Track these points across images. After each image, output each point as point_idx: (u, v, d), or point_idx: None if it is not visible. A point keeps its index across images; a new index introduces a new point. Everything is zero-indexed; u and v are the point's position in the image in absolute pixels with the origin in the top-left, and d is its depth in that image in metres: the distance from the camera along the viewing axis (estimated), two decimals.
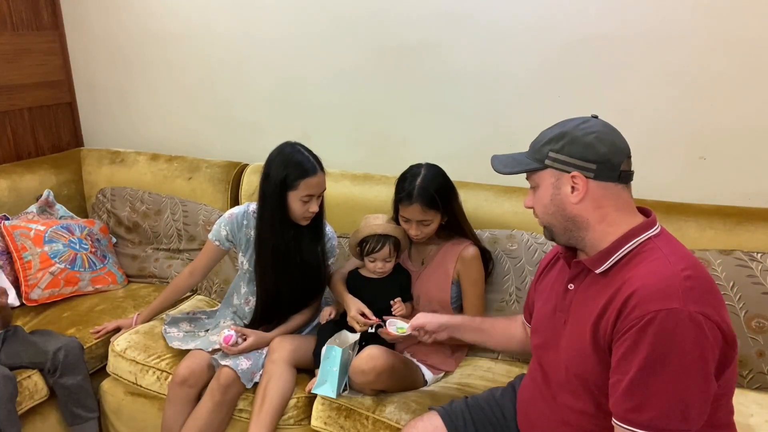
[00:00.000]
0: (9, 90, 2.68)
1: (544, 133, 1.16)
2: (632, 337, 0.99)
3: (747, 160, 1.81)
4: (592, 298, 1.11)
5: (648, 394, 0.98)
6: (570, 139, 1.10)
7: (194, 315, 2.09)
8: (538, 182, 1.16)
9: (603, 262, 1.10)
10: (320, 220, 1.87)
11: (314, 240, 1.87)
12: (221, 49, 2.54)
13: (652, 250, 1.06)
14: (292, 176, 1.71)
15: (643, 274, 1.02)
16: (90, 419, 1.88)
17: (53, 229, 2.34)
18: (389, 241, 1.78)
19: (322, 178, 1.76)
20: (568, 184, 1.11)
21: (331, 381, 1.61)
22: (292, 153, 1.76)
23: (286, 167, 1.72)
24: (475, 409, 1.41)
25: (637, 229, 1.09)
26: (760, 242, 1.64)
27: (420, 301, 1.85)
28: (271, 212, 1.77)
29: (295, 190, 1.72)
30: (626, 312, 1.00)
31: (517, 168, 1.17)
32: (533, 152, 1.16)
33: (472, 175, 2.04)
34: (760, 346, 1.58)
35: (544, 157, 1.13)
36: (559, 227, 1.16)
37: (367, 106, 2.31)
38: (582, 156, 1.09)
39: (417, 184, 1.72)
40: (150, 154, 2.69)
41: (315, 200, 1.77)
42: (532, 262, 1.86)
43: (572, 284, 1.18)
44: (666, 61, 1.82)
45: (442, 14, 2.08)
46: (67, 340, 1.89)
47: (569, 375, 1.15)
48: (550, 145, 1.12)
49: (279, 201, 1.74)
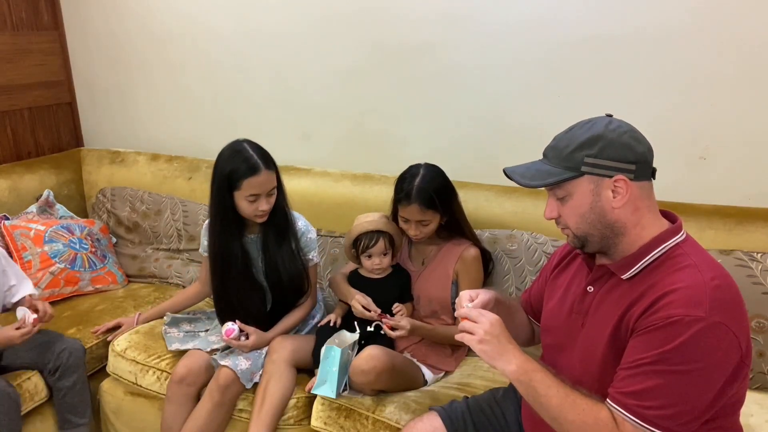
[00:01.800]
0: (9, 90, 2.69)
1: (564, 139, 1.10)
2: (650, 334, 0.99)
3: (747, 160, 1.81)
4: (615, 302, 1.10)
5: (649, 386, 0.98)
6: (606, 142, 1.05)
7: (194, 315, 2.09)
8: (570, 191, 1.08)
9: (630, 267, 1.08)
10: (284, 219, 1.83)
11: (281, 239, 1.83)
12: (221, 49, 2.54)
13: (680, 256, 1.05)
14: (234, 176, 1.68)
15: (672, 280, 1.01)
16: (80, 425, 1.84)
17: (53, 228, 2.35)
18: (383, 236, 1.78)
19: (267, 176, 1.71)
20: (608, 188, 1.06)
21: (331, 381, 1.61)
22: (235, 152, 1.72)
23: (231, 164, 1.69)
24: (476, 410, 1.41)
25: (665, 234, 1.08)
26: (760, 242, 1.65)
27: (420, 300, 1.85)
28: (216, 216, 1.76)
29: (239, 189, 1.69)
30: (651, 311, 1.00)
31: (549, 179, 1.08)
32: (561, 160, 1.08)
33: (472, 175, 2.04)
34: (760, 346, 1.58)
35: (579, 164, 1.06)
36: (596, 236, 1.10)
37: (367, 106, 2.31)
38: (623, 158, 1.05)
39: (416, 184, 1.72)
40: (150, 154, 2.69)
41: (264, 198, 1.72)
42: (532, 262, 1.86)
43: (592, 287, 1.17)
44: (666, 61, 1.82)
45: (441, 14, 2.08)
46: (71, 341, 1.89)
47: (584, 376, 1.14)
48: (583, 150, 1.06)
49: (225, 203, 1.72)
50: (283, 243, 1.83)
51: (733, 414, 1.09)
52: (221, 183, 1.70)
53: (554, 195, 1.12)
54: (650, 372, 0.98)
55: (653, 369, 0.98)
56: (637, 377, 1.00)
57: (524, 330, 1.43)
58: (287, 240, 1.84)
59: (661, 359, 0.97)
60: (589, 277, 1.18)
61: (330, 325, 1.85)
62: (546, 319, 1.31)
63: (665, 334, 0.97)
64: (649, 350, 0.99)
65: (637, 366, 1.00)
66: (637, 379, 1.00)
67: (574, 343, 1.18)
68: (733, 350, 0.97)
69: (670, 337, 0.97)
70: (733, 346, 0.97)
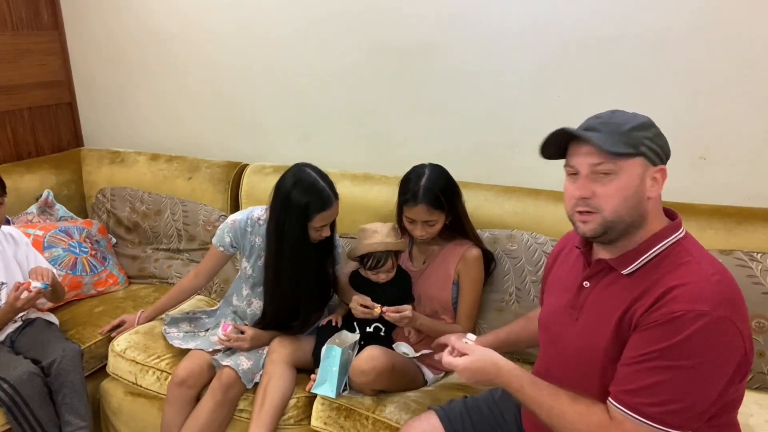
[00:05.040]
0: (9, 90, 2.68)
1: (616, 117, 1.06)
2: (654, 329, 0.99)
3: (747, 160, 1.81)
4: (614, 297, 1.09)
5: (652, 382, 0.98)
6: (656, 130, 1.06)
7: (194, 315, 2.09)
8: (620, 168, 1.03)
9: (631, 262, 1.08)
10: (331, 238, 1.85)
11: (326, 255, 1.86)
12: (221, 48, 2.54)
13: (682, 252, 1.05)
14: (309, 209, 1.67)
15: (676, 276, 1.02)
16: (81, 428, 1.84)
17: (52, 233, 2.34)
18: (390, 255, 1.77)
19: (337, 208, 1.74)
20: (651, 176, 1.05)
21: (331, 381, 1.61)
22: (309, 184, 1.70)
23: (306, 197, 1.68)
24: (474, 410, 1.41)
25: (666, 231, 1.08)
26: (760, 242, 1.64)
27: (421, 300, 1.85)
28: (291, 246, 1.73)
29: (311, 221, 1.70)
30: (655, 307, 1.00)
31: (621, 149, 1.02)
32: (621, 135, 1.03)
33: (472, 175, 2.04)
34: (760, 346, 1.58)
35: (638, 144, 1.03)
36: (625, 223, 1.06)
37: (368, 105, 2.31)
38: (666, 150, 1.07)
39: (422, 184, 1.71)
40: (150, 154, 2.69)
41: (328, 225, 1.75)
42: (532, 262, 1.86)
43: (588, 282, 1.16)
44: (666, 62, 1.82)
45: (442, 14, 2.08)
46: (68, 344, 1.89)
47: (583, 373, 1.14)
48: (641, 131, 1.04)
49: (300, 234, 1.71)
50: (324, 257, 1.85)
51: (732, 411, 1.09)
52: (298, 215, 1.69)
53: (595, 171, 1.05)
54: (653, 368, 0.98)
55: (656, 365, 0.98)
56: (639, 374, 0.99)
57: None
58: (328, 254, 1.87)
59: (664, 354, 0.97)
60: (586, 272, 1.17)
61: (331, 325, 1.85)
62: (544, 317, 1.31)
63: (669, 330, 0.97)
64: (651, 345, 0.98)
65: (639, 362, 1.00)
66: (640, 375, 0.99)
67: (567, 338, 1.18)
68: (737, 344, 0.97)
69: (673, 332, 0.96)
70: (736, 340, 0.97)
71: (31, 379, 1.73)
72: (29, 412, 1.71)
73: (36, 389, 1.74)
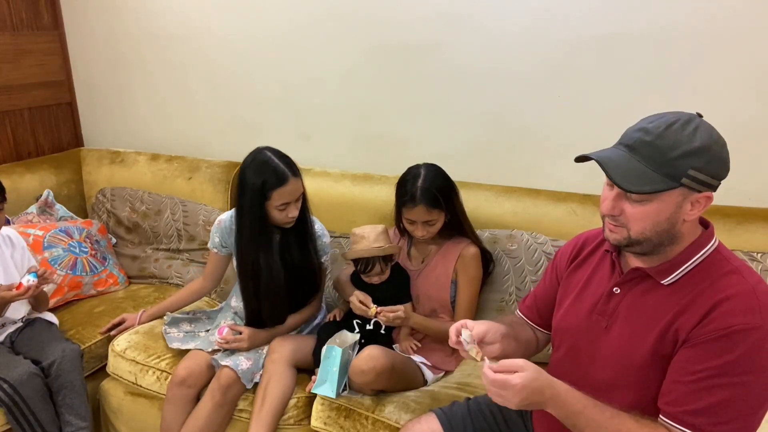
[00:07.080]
0: (9, 90, 2.68)
1: (666, 138, 0.96)
2: (707, 344, 0.97)
3: (747, 160, 1.80)
4: (655, 308, 1.06)
5: (716, 401, 0.96)
6: (712, 155, 0.96)
7: (194, 315, 2.09)
8: (649, 198, 0.98)
9: (671, 272, 1.05)
10: (305, 223, 1.85)
11: (302, 242, 1.85)
12: (221, 49, 2.54)
13: (721, 261, 1.04)
14: (265, 188, 1.68)
15: (721, 287, 1.00)
16: (81, 429, 1.84)
17: (51, 233, 2.33)
18: (378, 260, 1.78)
19: (296, 184, 1.73)
20: (691, 201, 0.99)
21: (331, 381, 1.61)
22: (262, 163, 1.71)
23: (260, 176, 1.69)
24: (476, 415, 1.38)
25: (703, 239, 1.05)
26: (760, 242, 1.64)
27: (419, 299, 1.85)
28: (249, 226, 1.75)
29: (270, 200, 1.70)
30: (706, 321, 0.98)
31: (646, 187, 0.96)
32: (662, 164, 0.96)
33: (472, 175, 2.04)
34: None
35: (680, 175, 0.95)
36: (652, 243, 1.03)
37: (367, 106, 2.31)
38: (719, 175, 0.98)
39: (419, 185, 1.72)
40: (150, 154, 2.69)
41: (293, 205, 1.74)
42: (531, 262, 1.86)
43: (618, 288, 1.13)
44: (666, 61, 1.82)
45: (442, 14, 2.07)
46: (68, 344, 1.90)
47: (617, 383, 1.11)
48: (690, 160, 0.95)
49: (257, 213, 1.72)
50: (303, 244, 1.85)
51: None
52: (252, 195, 1.70)
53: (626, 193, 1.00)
54: (714, 386, 0.96)
55: (717, 382, 0.95)
56: (700, 392, 0.97)
57: (531, 345, 1.36)
58: (306, 241, 1.86)
59: (724, 372, 0.95)
60: (616, 278, 1.14)
61: (331, 324, 1.85)
62: (560, 320, 1.26)
63: (724, 345, 0.95)
64: (708, 361, 0.96)
65: (699, 380, 0.97)
66: (701, 394, 0.97)
67: (598, 346, 1.14)
68: None
69: (729, 347, 0.95)
70: None
71: (31, 379, 1.74)
72: (29, 412, 1.71)
73: (36, 389, 1.74)
